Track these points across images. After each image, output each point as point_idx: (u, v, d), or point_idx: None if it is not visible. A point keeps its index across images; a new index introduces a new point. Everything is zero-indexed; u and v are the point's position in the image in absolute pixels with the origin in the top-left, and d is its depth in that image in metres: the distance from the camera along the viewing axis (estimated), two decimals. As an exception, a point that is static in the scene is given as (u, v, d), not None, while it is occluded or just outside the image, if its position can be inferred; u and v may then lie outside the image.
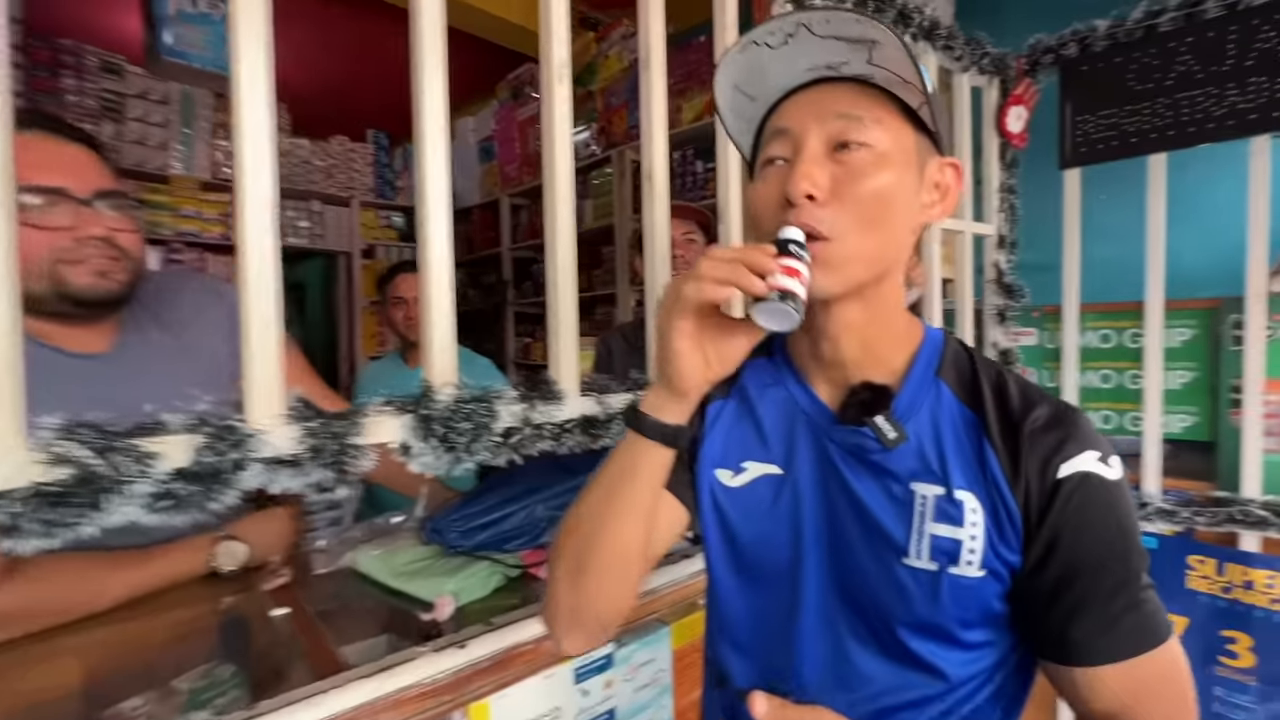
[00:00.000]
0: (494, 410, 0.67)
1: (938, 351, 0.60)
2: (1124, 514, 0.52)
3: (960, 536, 0.53)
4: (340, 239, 4.06)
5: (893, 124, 0.54)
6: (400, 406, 0.61)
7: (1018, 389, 0.56)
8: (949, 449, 0.55)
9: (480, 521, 0.93)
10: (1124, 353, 1.52)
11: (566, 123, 0.76)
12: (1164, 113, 1.35)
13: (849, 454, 0.58)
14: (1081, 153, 1.48)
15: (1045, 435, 0.52)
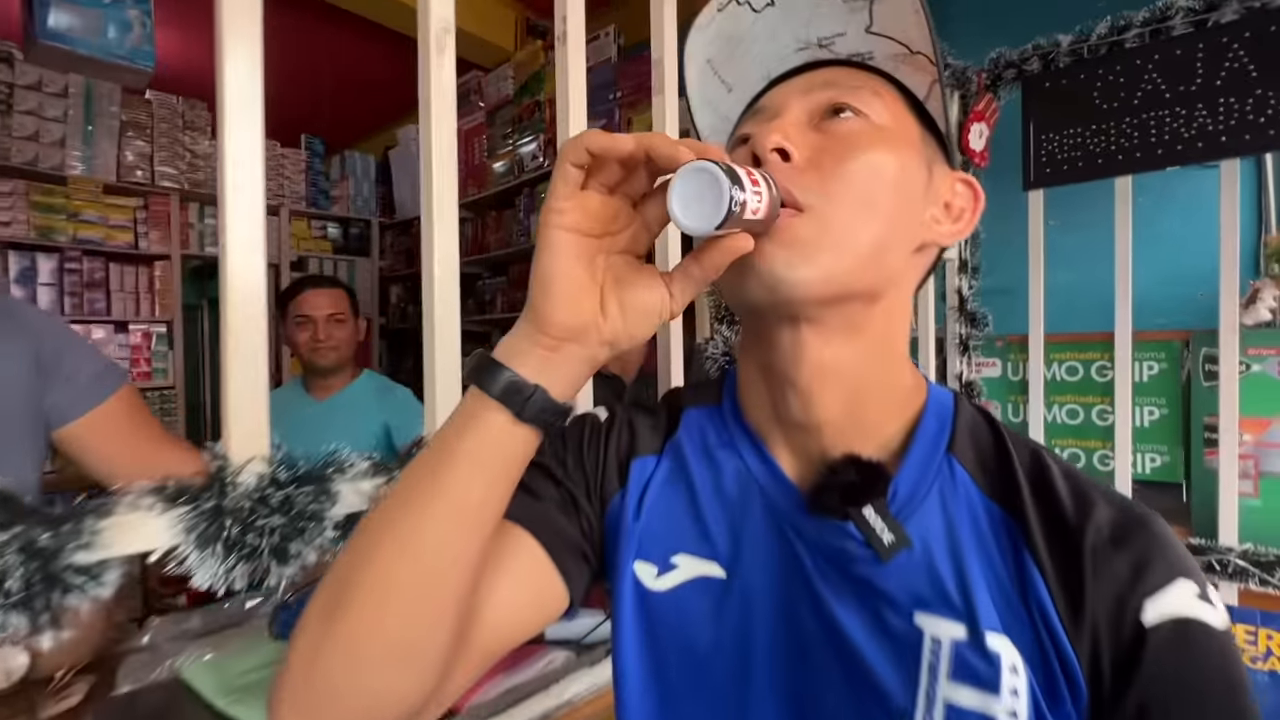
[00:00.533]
0: (330, 492, 0.49)
1: (948, 419, 0.43)
2: (1237, 675, 0.35)
3: (993, 711, 0.35)
4: (269, 249, 3.76)
5: (895, 105, 0.42)
6: (171, 494, 0.42)
7: (1065, 479, 0.40)
8: (974, 565, 0.38)
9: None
10: (1091, 386, 1.43)
11: (450, 104, 0.58)
12: (1131, 133, 1.28)
13: (825, 561, 0.41)
14: (1046, 173, 1.39)
15: (1117, 555, 0.36)
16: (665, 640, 0.44)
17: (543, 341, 0.35)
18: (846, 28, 0.43)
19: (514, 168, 3.26)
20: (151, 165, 3.23)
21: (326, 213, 3.96)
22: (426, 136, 0.57)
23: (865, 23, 0.42)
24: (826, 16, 0.43)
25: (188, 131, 3.38)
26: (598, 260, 0.36)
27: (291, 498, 0.45)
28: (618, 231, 0.37)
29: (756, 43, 0.45)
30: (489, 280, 3.56)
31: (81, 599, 0.38)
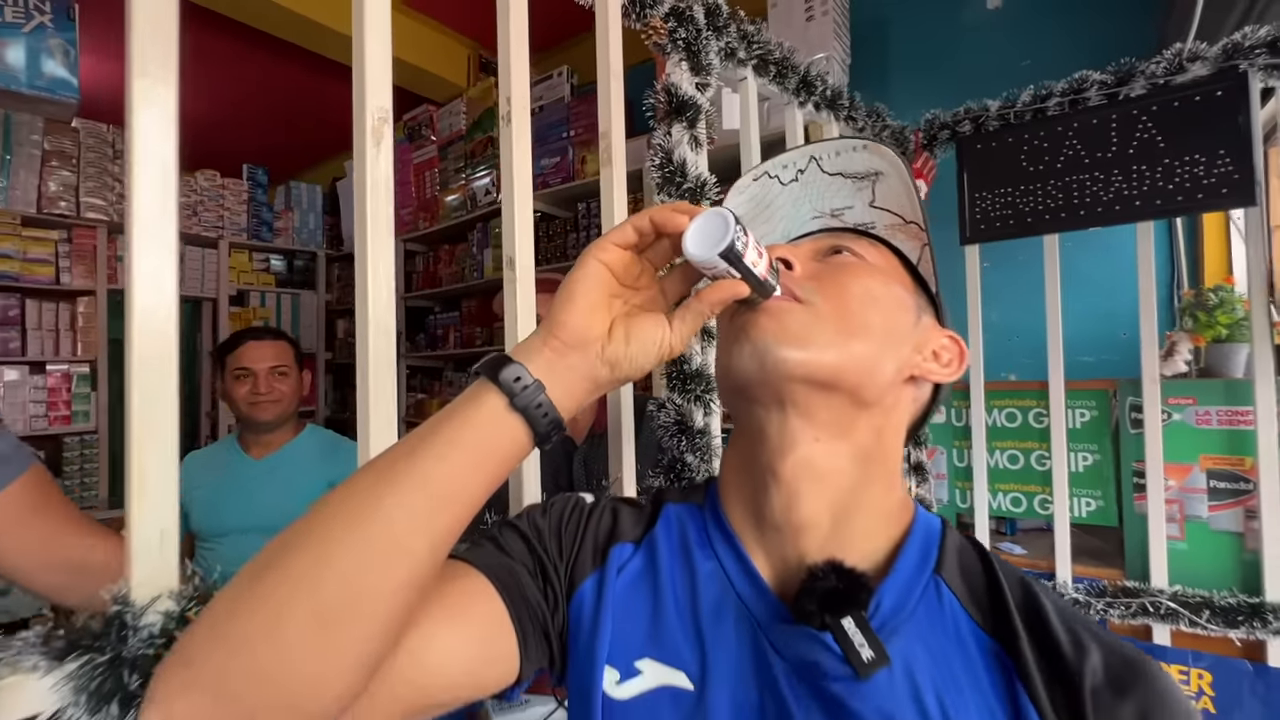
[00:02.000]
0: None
1: (935, 541, 0.43)
2: None
3: None
4: (205, 284, 3.60)
5: (890, 260, 0.48)
6: (60, 651, 0.38)
7: (1058, 614, 0.39)
8: (961, 695, 0.37)
9: None
10: (1029, 432, 1.48)
11: (387, 195, 0.56)
12: (1055, 194, 1.35)
13: (797, 675, 0.39)
14: (981, 230, 1.45)
15: (1121, 704, 0.35)
16: None
17: (552, 343, 0.38)
18: (854, 201, 0.50)
19: (467, 202, 3.22)
20: (77, 196, 3.05)
21: (269, 245, 3.83)
22: (362, 229, 0.54)
23: (869, 198, 0.49)
24: (839, 193, 0.50)
25: (118, 161, 3.22)
26: (616, 300, 0.40)
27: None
28: (639, 289, 0.41)
29: (781, 209, 0.53)
30: (440, 315, 3.49)
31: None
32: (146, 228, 0.44)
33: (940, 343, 0.47)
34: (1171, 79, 1.22)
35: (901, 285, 0.47)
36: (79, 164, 3.08)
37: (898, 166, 0.46)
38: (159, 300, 0.44)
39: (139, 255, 0.44)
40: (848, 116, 1.30)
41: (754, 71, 1.05)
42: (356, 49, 0.56)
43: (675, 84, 0.88)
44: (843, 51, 2.09)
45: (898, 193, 0.47)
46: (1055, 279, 1.38)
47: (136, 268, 0.43)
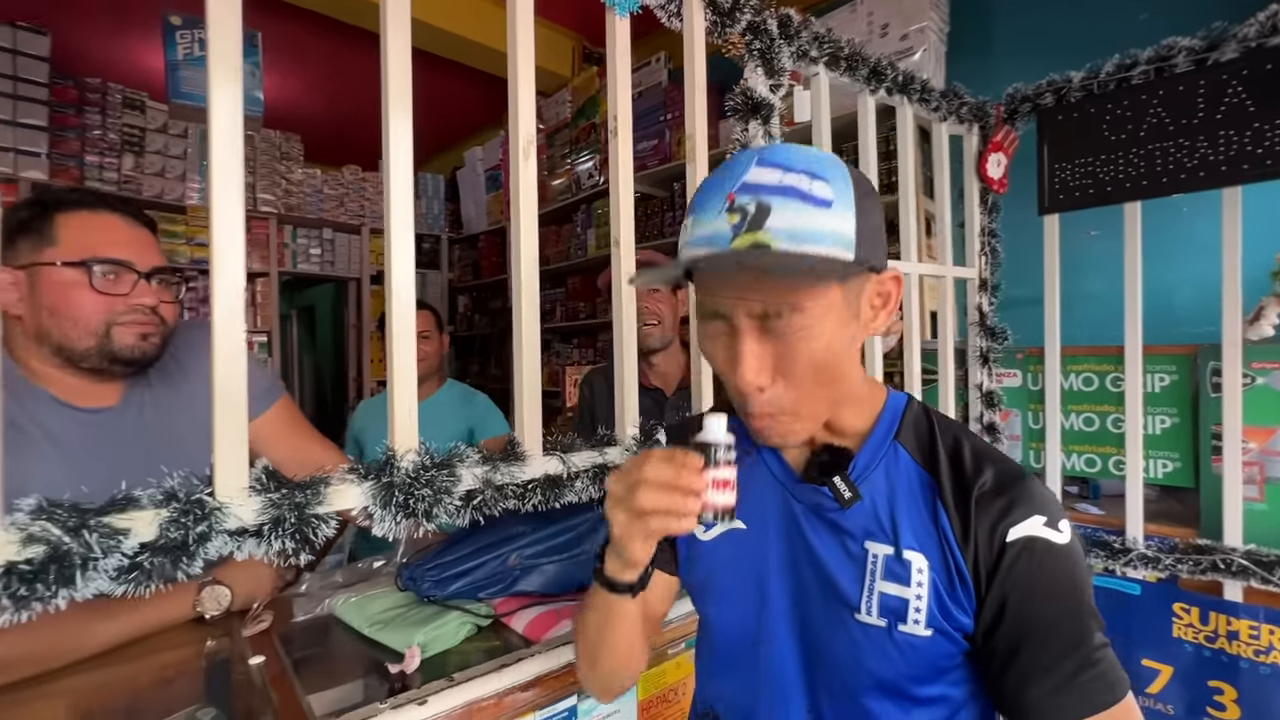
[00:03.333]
0: (456, 474, 0.71)
1: (897, 417, 0.63)
2: (1074, 577, 0.54)
3: (906, 596, 0.56)
4: (350, 265, 4.15)
5: (817, 293, 0.53)
6: (363, 474, 0.65)
7: (972, 453, 0.59)
8: (901, 510, 0.58)
9: (453, 571, 0.96)
10: (1107, 396, 1.53)
11: (532, 193, 0.80)
12: (1137, 163, 1.38)
13: (810, 511, 0.62)
14: (1059, 200, 1.50)
15: (994, 500, 0.55)
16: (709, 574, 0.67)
17: (628, 567, 0.62)
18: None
19: (572, 185, 3.51)
20: (254, 193, 3.65)
21: (401, 230, 4.33)
22: (516, 218, 0.78)
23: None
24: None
25: (283, 161, 3.79)
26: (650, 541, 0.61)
27: (435, 479, 0.67)
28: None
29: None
30: (548, 291, 3.82)
31: (318, 536, 0.61)
32: (396, 219, 0.69)
33: (881, 288, 0.58)
34: (1265, 41, 1.22)
35: (839, 314, 0.54)
36: (254, 165, 3.67)
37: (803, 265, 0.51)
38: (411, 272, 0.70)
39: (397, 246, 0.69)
40: (920, 99, 1.40)
41: (825, 67, 1.19)
42: (511, 90, 0.79)
43: (751, 88, 1.06)
44: (940, 21, 2.12)
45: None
46: (1135, 246, 1.41)
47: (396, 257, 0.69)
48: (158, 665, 0.88)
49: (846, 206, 0.51)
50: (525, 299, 0.80)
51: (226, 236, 0.61)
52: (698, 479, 0.54)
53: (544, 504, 0.81)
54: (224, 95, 0.62)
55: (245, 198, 2.45)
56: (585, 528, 1.05)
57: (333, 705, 0.74)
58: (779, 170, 0.51)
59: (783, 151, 0.52)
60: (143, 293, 0.91)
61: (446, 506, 0.70)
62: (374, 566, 1.11)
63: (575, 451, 0.85)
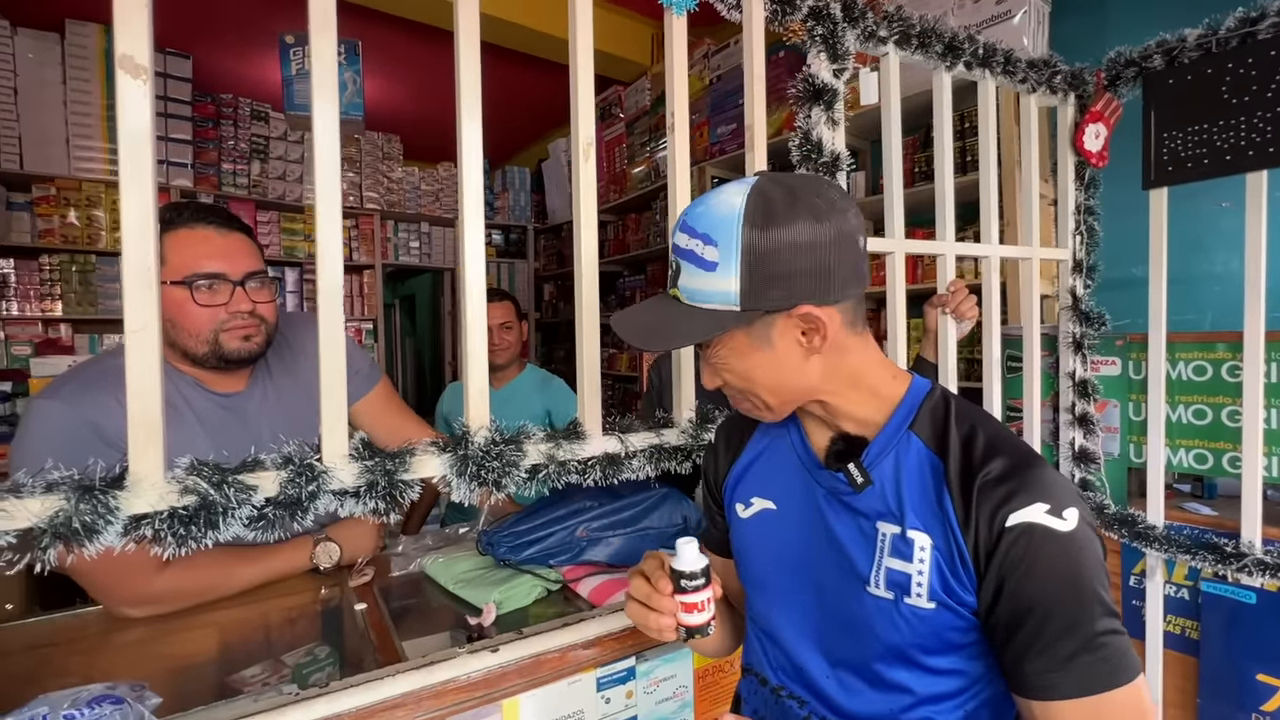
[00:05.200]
0: (523, 450, 0.79)
1: (915, 406, 0.66)
2: (1076, 562, 0.55)
3: (909, 571, 0.60)
4: (446, 257, 4.43)
5: (715, 339, 0.63)
6: (442, 447, 0.74)
7: (985, 441, 0.61)
8: (908, 492, 0.62)
9: (527, 539, 1.06)
10: (1221, 386, 1.39)
11: (592, 192, 0.85)
12: (1264, 127, 1.24)
13: (830, 494, 0.67)
14: (1169, 171, 1.38)
15: (997, 487, 0.57)
16: (748, 548, 0.75)
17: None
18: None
19: (651, 173, 3.55)
20: (360, 191, 3.97)
21: (491, 222, 4.56)
22: (576, 216, 0.84)
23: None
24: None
25: (385, 161, 4.10)
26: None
27: (503, 452, 0.76)
28: None
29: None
30: (628, 278, 3.91)
31: (405, 499, 0.71)
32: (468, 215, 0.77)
33: (794, 334, 0.62)
34: None
35: (733, 343, 0.63)
36: (360, 166, 3.99)
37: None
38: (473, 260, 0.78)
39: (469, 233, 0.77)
40: (1005, 71, 1.32)
41: (895, 46, 1.16)
42: (572, 93, 0.84)
43: (814, 73, 1.05)
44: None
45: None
46: (1260, 220, 1.27)
47: (467, 244, 0.77)
48: (283, 607, 1.03)
49: (730, 269, 0.58)
50: (585, 289, 0.86)
51: (328, 236, 0.71)
52: (666, 601, 0.65)
53: (603, 480, 0.87)
54: (325, 107, 0.71)
55: (353, 196, 2.69)
56: (648, 504, 1.11)
57: (422, 649, 0.85)
58: (686, 235, 0.61)
59: (694, 213, 0.61)
60: (240, 300, 1.01)
61: (514, 478, 0.78)
62: (459, 532, 1.23)
63: (633, 432, 0.91)
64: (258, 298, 1.04)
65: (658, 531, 1.09)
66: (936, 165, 1.30)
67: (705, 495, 0.83)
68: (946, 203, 1.28)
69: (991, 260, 1.35)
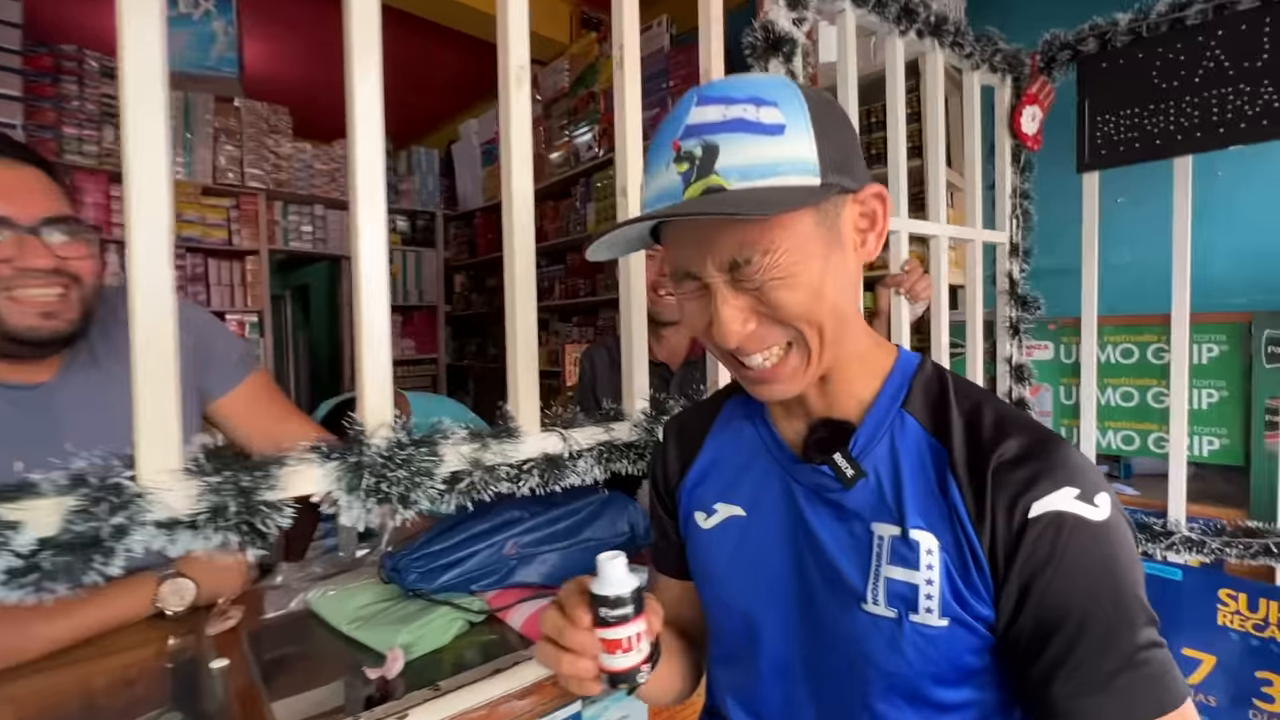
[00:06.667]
0: (438, 453, 0.60)
1: (906, 381, 0.56)
2: (1112, 558, 0.45)
3: (915, 580, 0.49)
4: (344, 243, 4.03)
5: (787, 229, 0.47)
6: (325, 453, 0.55)
7: (993, 419, 0.51)
8: (907, 484, 0.51)
9: (443, 561, 0.87)
10: (1147, 369, 1.42)
11: (525, 131, 0.68)
12: (1191, 112, 1.26)
13: (811, 493, 0.55)
14: (1102, 155, 1.38)
15: (1015, 470, 0.47)
16: (710, 565, 0.61)
17: None
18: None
19: (570, 158, 3.37)
20: (241, 167, 3.51)
21: (395, 206, 4.19)
22: (507, 153, 0.67)
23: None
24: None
25: (272, 135, 3.65)
26: None
27: (411, 457, 0.57)
28: None
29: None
30: (546, 268, 3.70)
31: (270, 527, 0.51)
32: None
33: (865, 209, 0.51)
34: (1342, -29, 1.09)
35: (816, 246, 0.48)
36: (241, 139, 3.53)
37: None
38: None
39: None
40: (954, 43, 1.27)
41: (852, 3, 1.07)
42: (500, 16, 0.67)
43: (773, 20, 0.93)
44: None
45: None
46: (1186, 205, 1.29)
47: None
48: (116, 666, 0.78)
49: (802, 129, 0.46)
50: (518, 242, 0.69)
51: (143, 174, 0.49)
52: (583, 638, 0.48)
53: (543, 487, 0.70)
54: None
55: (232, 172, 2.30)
56: (589, 512, 0.95)
57: (301, 715, 0.65)
58: (721, 105, 0.46)
59: (723, 84, 0.48)
60: (33, 252, 0.75)
61: (427, 491, 0.59)
62: (357, 555, 1.01)
63: (578, 427, 0.75)
64: (64, 252, 0.78)
65: (600, 543, 0.94)
66: (890, 139, 1.22)
67: (654, 505, 0.68)
68: (900, 177, 1.21)
69: (940, 240, 1.29)
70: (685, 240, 0.49)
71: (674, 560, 0.67)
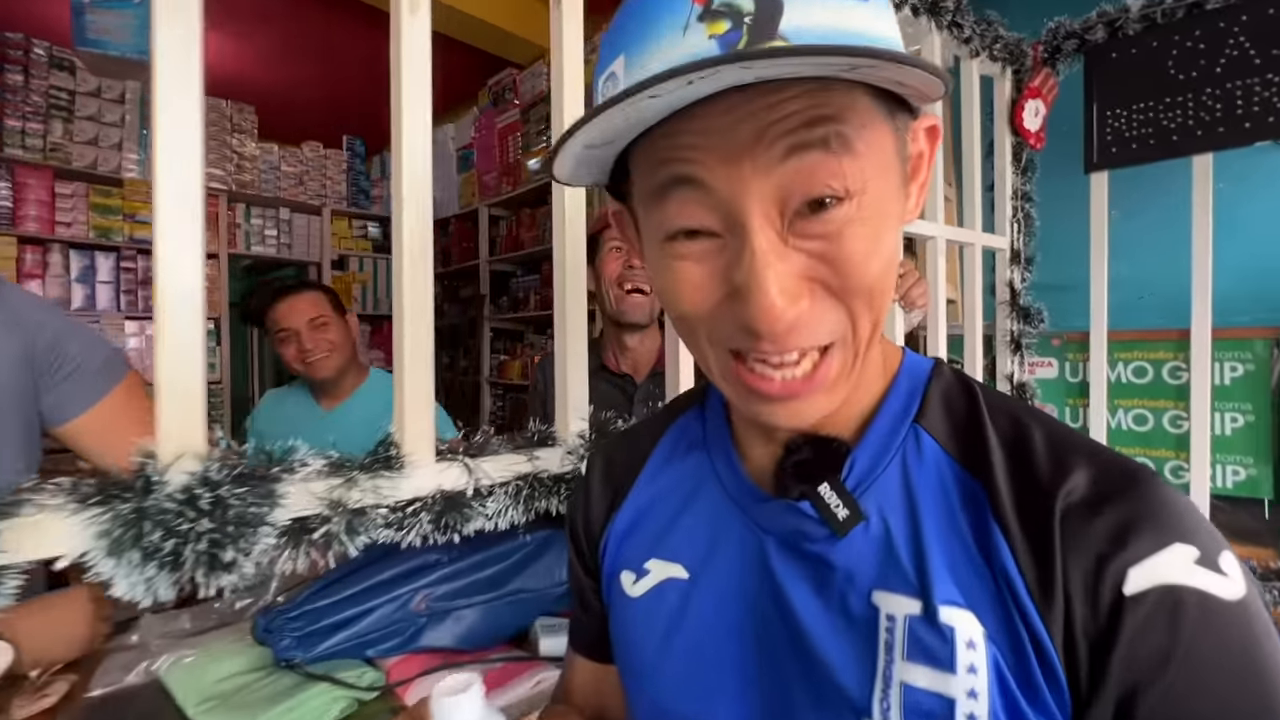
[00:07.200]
0: (273, 491, 0.44)
1: (919, 388, 0.40)
2: (1257, 653, 0.30)
3: (951, 692, 0.32)
4: (310, 249, 3.85)
5: (866, 122, 0.31)
6: (85, 494, 0.38)
7: (1047, 441, 0.35)
8: (930, 535, 0.35)
9: (331, 620, 0.69)
10: (1163, 389, 1.29)
11: (423, 69, 0.53)
12: (1213, 105, 1.14)
13: (784, 545, 0.39)
14: (1112, 153, 1.26)
15: (1093, 516, 0.32)
16: (643, 645, 0.43)
17: None
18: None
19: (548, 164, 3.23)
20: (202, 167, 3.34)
21: (367, 212, 4.03)
22: (398, 114, 0.51)
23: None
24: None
25: (235, 134, 3.48)
26: None
27: (224, 500, 0.41)
28: None
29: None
30: (522, 278, 3.55)
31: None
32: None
33: (915, 147, 0.37)
34: (1382, -52, 0.98)
35: (891, 177, 0.33)
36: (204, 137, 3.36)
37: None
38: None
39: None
40: (953, 23, 1.14)
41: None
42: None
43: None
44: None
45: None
46: (1207, 206, 1.16)
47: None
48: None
49: (883, 6, 0.32)
50: (410, 222, 0.53)
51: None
52: None
53: (437, 534, 0.54)
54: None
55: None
56: (521, 556, 0.79)
57: None
58: None
59: None
60: None
61: (251, 545, 0.42)
62: (236, 608, 0.83)
63: (490, 455, 0.58)
64: None
65: (535, 595, 0.77)
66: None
67: (572, 563, 0.52)
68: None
69: (937, 242, 1.15)
70: (712, 164, 0.31)
71: (593, 635, 0.50)
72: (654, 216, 0.34)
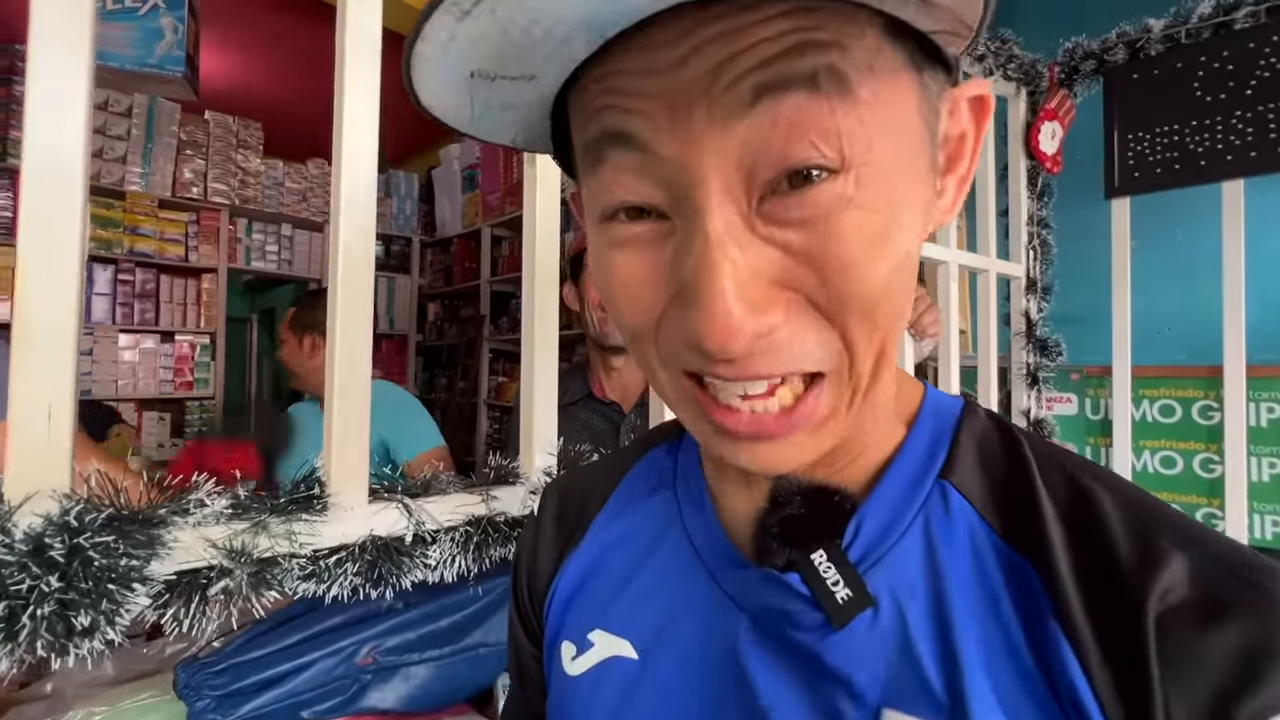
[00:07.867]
0: (155, 539, 0.36)
1: (946, 434, 0.30)
2: None
3: None
4: (311, 265, 3.82)
5: (874, 64, 0.22)
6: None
7: (1121, 510, 0.26)
8: (966, 635, 0.26)
9: (262, 675, 0.61)
10: (1193, 430, 1.20)
11: (372, 50, 0.47)
12: (1243, 129, 1.07)
13: (761, 630, 0.29)
14: (1135, 178, 1.19)
15: (1207, 631, 0.23)
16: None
17: None
18: None
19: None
20: (205, 181, 3.32)
21: (370, 230, 4.02)
22: (340, 94, 0.45)
23: None
24: None
25: (240, 150, 3.48)
26: None
27: (83, 550, 0.33)
28: None
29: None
30: (521, 299, 3.51)
31: None
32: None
33: (952, 126, 0.27)
34: None
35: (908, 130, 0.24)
36: (208, 152, 3.35)
37: None
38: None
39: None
40: (965, 39, 1.09)
41: None
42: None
43: None
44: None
45: None
46: (1238, 235, 1.09)
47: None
48: None
49: None
50: (348, 226, 0.46)
51: None
52: None
53: (368, 587, 0.46)
54: None
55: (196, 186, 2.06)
56: (481, 606, 0.70)
57: None
58: None
59: None
60: None
61: (118, 608, 0.35)
62: (167, 653, 0.75)
63: (436, 495, 0.50)
64: None
65: (498, 649, 0.68)
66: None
67: (513, 620, 0.43)
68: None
69: (950, 268, 1.08)
70: (654, 112, 0.22)
71: (526, 714, 0.41)
72: (589, 190, 0.26)
